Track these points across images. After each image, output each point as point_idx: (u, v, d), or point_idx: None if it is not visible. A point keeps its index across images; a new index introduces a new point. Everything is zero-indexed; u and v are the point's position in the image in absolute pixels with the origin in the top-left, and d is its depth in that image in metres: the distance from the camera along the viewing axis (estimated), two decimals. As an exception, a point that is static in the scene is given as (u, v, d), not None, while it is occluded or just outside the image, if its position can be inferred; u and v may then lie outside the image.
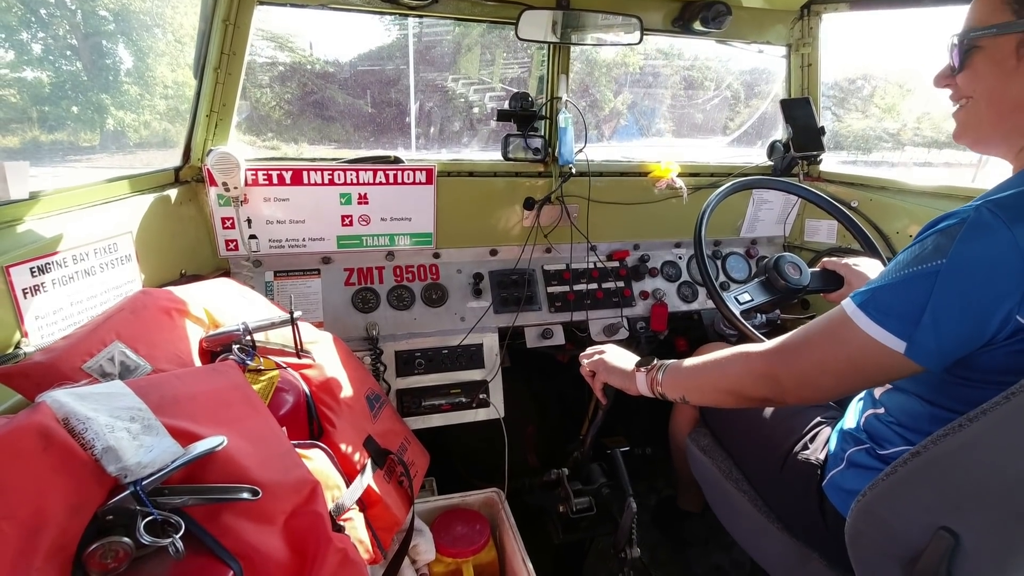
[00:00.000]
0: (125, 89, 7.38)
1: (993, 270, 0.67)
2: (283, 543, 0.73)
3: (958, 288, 0.68)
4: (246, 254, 1.44)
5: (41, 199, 0.95)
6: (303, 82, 5.48)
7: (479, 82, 5.02)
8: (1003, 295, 0.67)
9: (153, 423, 0.68)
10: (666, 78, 5.35)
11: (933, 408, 0.84)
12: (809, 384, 0.82)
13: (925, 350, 0.71)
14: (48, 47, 7.35)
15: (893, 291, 0.73)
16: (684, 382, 0.99)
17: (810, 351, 0.81)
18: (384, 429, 1.23)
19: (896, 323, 0.72)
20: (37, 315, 0.89)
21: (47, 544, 0.55)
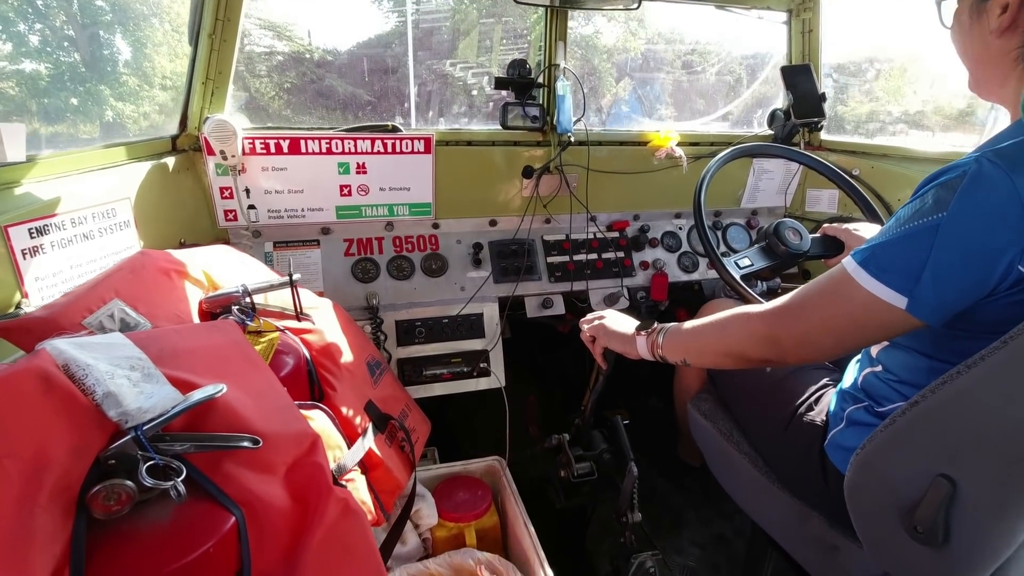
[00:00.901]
0: (124, 80, 7.35)
1: (995, 221, 0.66)
2: (285, 492, 0.73)
3: (959, 241, 0.68)
4: (245, 224, 1.44)
5: (39, 162, 0.95)
6: (302, 71, 5.45)
7: (477, 66, 5.00)
8: (1005, 246, 0.67)
9: (153, 372, 0.68)
10: (668, 63, 5.31)
11: (932, 362, 0.84)
12: (810, 344, 0.82)
13: (927, 305, 0.71)
14: (45, 38, 7.31)
15: (894, 247, 0.73)
16: (685, 344, 0.99)
17: (811, 311, 0.81)
18: (385, 395, 1.23)
19: (897, 279, 0.72)
20: (37, 276, 0.90)
21: (50, 484, 0.56)
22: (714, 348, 0.95)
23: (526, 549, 1.19)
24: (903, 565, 0.83)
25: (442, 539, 1.29)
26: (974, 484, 0.70)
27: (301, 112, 4.78)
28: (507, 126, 1.57)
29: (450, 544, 1.28)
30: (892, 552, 0.83)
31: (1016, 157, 0.67)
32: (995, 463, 0.69)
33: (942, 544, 0.74)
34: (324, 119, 4.97)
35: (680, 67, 5.31)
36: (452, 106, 4.90)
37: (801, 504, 1.04)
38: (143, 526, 0.62)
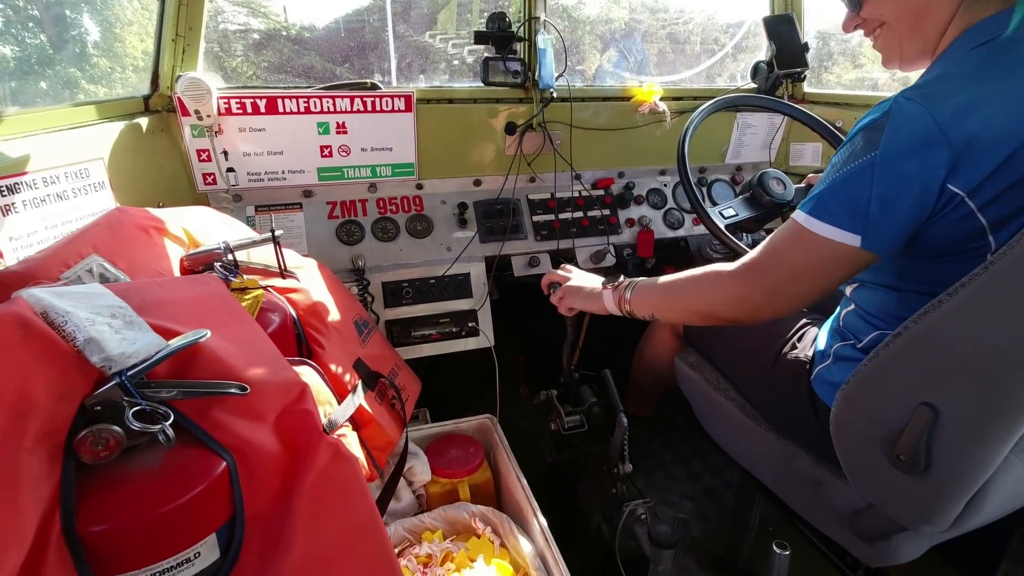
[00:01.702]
0: (95, 62, 7.12)
1: (921, 147, 0.71)
2: (275, 438, 0.73)
3: (895, 173, 0.73)
4: (225, 188, 1.41)
5: (4, 119, 0.92)
6: (279, 48, 5.30)
7: (457, 36, 4.90)
8: (933, 168, 0.71)
9: (135, 319, 0.67)
10: (651, 33, 5.24)
11: (900, 294, 0.87)
12: (781, 296, 0.85)
13: (879, 238, 0.76)
14: (8, 19, 7.04)
15: (836, 191, 0.77)
16: (654, 300, 1.02)
17: (779, 265, 0.84)
18: (374, 354, 1.23)
19: (847, 220, 0.76)
20: (11, 236, 0.88)
21: (34, 428, 0.55)
22: (685, 306, 0.97)
23: (519, 501, 1.21)
24: (886, 494, 0.85)
25: (436, 495, 1.30)
26: (955, 410, 0.72)
27: (268, 79, 4.67)
28: (488, 82, 1.55)
29: (444, 499, 1.29)
30: (875, 483, 0.86)
31: (927, 90, 0.73)
32: (976, 387, 0.70)
33: (924, 471, 0.76)
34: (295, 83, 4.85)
35: (664, 37, 5.25)
36: (433, 77, 4.82)
37: (788, 443, 1.06)
38: (134, 471, 0.62)
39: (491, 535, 1.15)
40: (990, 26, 0.76)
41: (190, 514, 0.62)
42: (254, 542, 0.67)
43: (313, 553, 0.68)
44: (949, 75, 0.76)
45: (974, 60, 0.76)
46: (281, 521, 0.69)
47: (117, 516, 0.58)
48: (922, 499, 0.80)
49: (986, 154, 0.71)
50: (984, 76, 0.73)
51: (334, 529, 0.71)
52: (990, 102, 0.71)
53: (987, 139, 0.70)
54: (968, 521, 0.85)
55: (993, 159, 0.71)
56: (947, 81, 0.75)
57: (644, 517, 1.20)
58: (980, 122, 0.70)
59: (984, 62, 0.75)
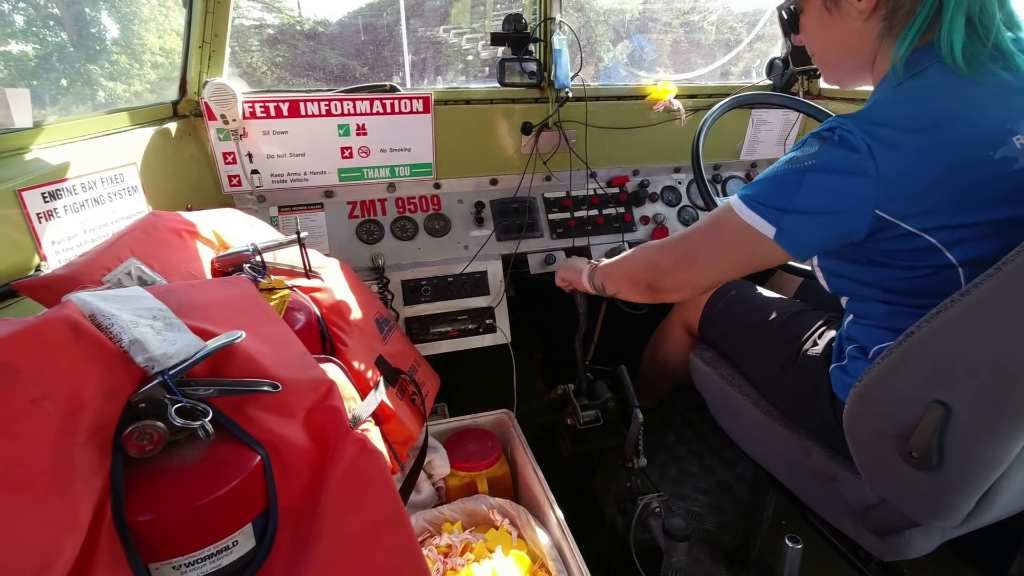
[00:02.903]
0: (114, 59, 7.20)
1: (851, 173, 0.76)
2: (304, 434, 0.77)
3: (821, 187, 0.78)
4: (249, 189, 1.45)
5: (45, 128, 0.97)
6: (293, 44, 5.35)
7: (471, 31, 4.91)
8: (861, 194, 0.76)
9: (174, 321, 0.71)
10: (666, 24, 5.19)
11: (890, 306, 0.90)
12: (685, 266, 0.94)
13: (790, 237, 0.81)
14: (30, 18, 7.14)
15: (770, 184, 0.83)
16: (603, 272, 1.14)
17: (692, 239, 0.93)
18: (394, 351, 1.27)
19: (768, 211, 0.81)
20: (53, 240, 0.92)
21: (87, 424, 0.59)
22: (618, 270, 1.09)
23: (536, 494, 1.24)
24: (899, 490, 0.87)
25: (455, 487, 1.34)
26: (967, 407, 0.73)
27: (290, 81, 4.71)
28: (504, 83, 1.57)
29: (463, 492, 1.33)
30: (888, 478, 0.87)
31: (869, 118, 0.77)
32: (987, 385, 0.71)
33: (936, 468, 0.77)
34: (316, 87, 4.90)
35: (679, 26, 5.20)
36: (447, 73, 4.84)
37: (802, 439, 1.08)
38: (176, 464, 0.66)
39: (509, 527, 1.19)
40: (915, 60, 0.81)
41: (228, 505, 0.65)
42: (287, 532, 0.71)
43: (342, 542, 0.71)
44: (883, 106, 0.80)
45: (899, 97, 0.80)
46: (312, 512, 0.72)
47: (162, 506, 0.62)
48: (934, 495, 0.81)
49: (918, 187, 0.74)
50: (917, 110, 0.77)
51: (361, 519, 0.75)
52: (920, 135, 0.74)
53: (917, 173, 0.74)
54: (980, 517, 0.86)
55: (925, 192, 0.74)
56: (882, 111, 0.78)
57: (658, 510, 1.22)
58: (910, 156, 0.73)
59: (905, 100, 0.79)
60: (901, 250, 0.80)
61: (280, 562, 0.69)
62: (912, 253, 0.79)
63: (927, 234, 0.76)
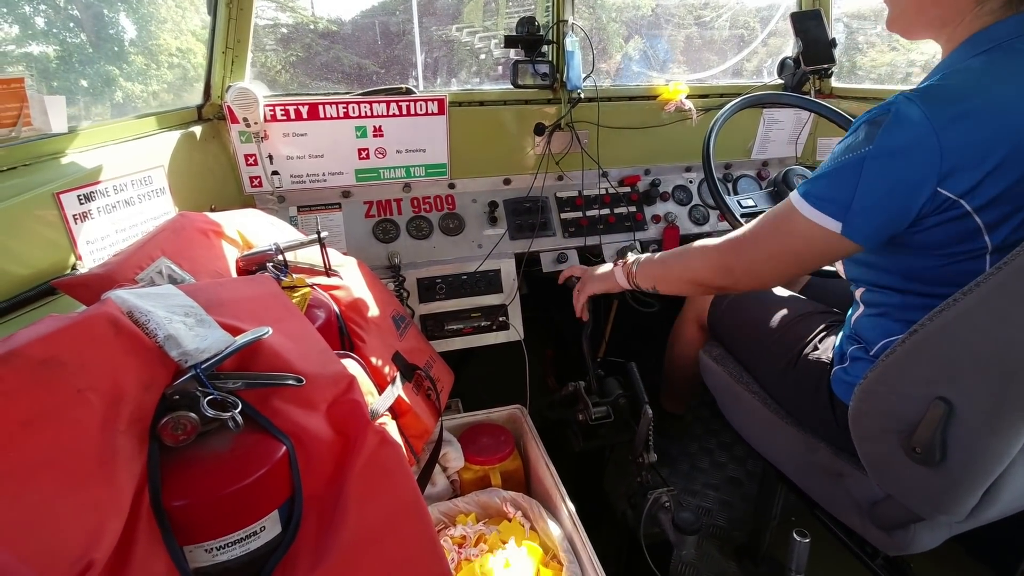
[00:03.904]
0: (132, 60, 7.31)
1: (913, 150, 0.74)
2: (327, 426, 0.80)
3: (882, 170, 0.77)
4: (270, 190, 1.50)
5: (80, 133, 1.01)
6: (307, 43, 5.40)
7: (484, 30, 4.92)
8: (923, 177, 0.75)
9: (205, 318, 0.75)
10: (679, 19, 5.17)
11: (904, 296, 0.91)
12: (757, 271, 0.93)
13: (858, 228, 0.80)
14: (50, 20, 7.26)
15: (829, 178, 0.82)
16: (654, 273, 1.12)
17: (760, 241, 0.92)
18: (410, 347, 1.30)
19: (832, 206, 0.81)
20: (88, 240, 0.96)
21: (127, 414, 0.63)
22: (678, 276, 1.07)
23: (548, 488, 1.27)
24: (903, 485, 0.88)
25: (469, 480, 1.37)
26: (969, 403, 0.74)
27: (309, 84, 4.76)
28: (518, 85, 1.60)
29: (476, 485, 1.36)
30: (893, 474, 0.88)
31: (929, 93, 0.75)
32: (989, 381, 0.73)
33: (939, 463, 0.79)
34: (334, 89, 4.96)
35: (692, 22, 5.18)
36: (460, 72, 4.86)
37: (808, 436, 1.10)
38: (207, 453, 0.69)
39: (521, 519, 1.22)
40: (997, 31, 0.78)
41: (256, 492, 0.69)
42: (311, 519, 0.75)
43: (363, 530, 0.75)
44: (951, 79, 0.78)
45: (977, 65, 0.78)
46: (334, 501, 0.76)
47: (195, 492, 0.66)
48: (938, 490, 0.83)
49: (979, 161, 0.73)
50: (983, 83, 0.75)
51: (381, 509, 0.78)
52: (985, 109, 0.73)
53: (980, 146, 0.73)
54: (985, 512, 0.87)
55: (986, 166, 0.73)
56: (948, 86, 0.77)
57: (668, 504, 1.25)
58: (974, 129, 0.73)
59: (986, 69, 0.77)
60: (946, 232, 0.79)
61: (305, 548, 0.73)
62: (955, 234, 0.79)
63: (976, 214, 0.76)
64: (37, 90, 0.93)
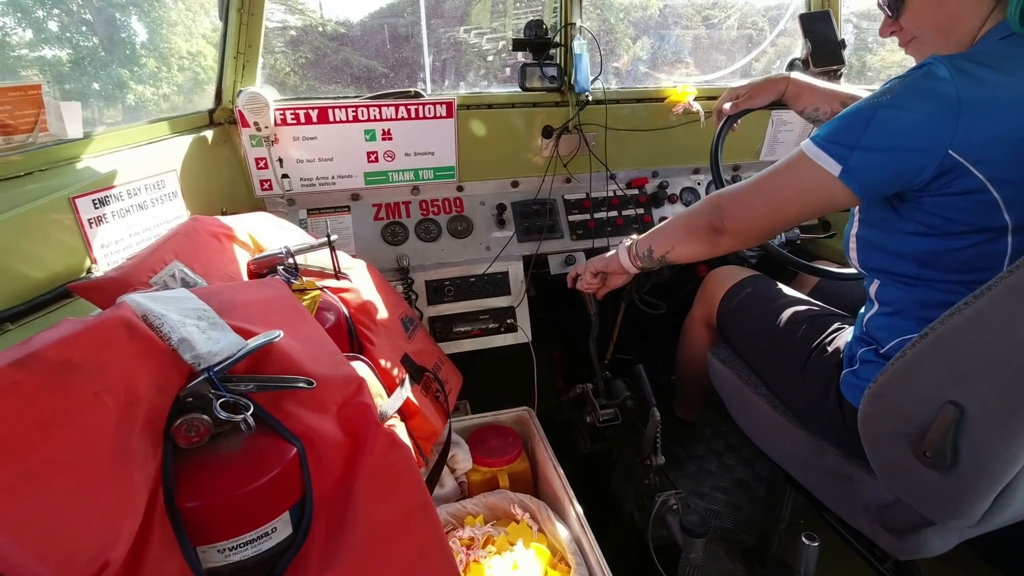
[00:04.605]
0: (143, 63, 7.39)
1: (932, 103, 0.75)
2: (337, 428, 0.81)
3: (894, 118, 0.78)
4: (280, 193, 1.51)
5: (94, 139, 1.03)
6: (315, 45, 5.42)
7: (492, 31, 4.92)
8: (939, 126, 0.75)
9: (218, 321, 0.76)
10: (688, 18, 5.14)
11: (920, 289, 0.90)
12: (744, 206, 0.94)
13: (855, 173, 0.81)
14: (63, 23, 7.35)
15: (841, 121, 0.83)
16: (652, 234, 1.14)
17: (755, 179, 0.94)
18: (419, 349, 1.31)
19: (835, 148, 0.82)
20: (102, 244, 0.98)
21: (141, 416, 0.64)
22: (672, 224, 1.09)
23: (556, 489, 1.27)
24: (914, 489, 0.88)
25: (477, 482, 1.38)
26: (980, 407, 0.74)
27: (318, 88, 4.78)
28: (526, 88, 1.60)
29: (485, 487, 1.37)
30: (903, 478, 0.88)
31: (959, 62, 0.76)
32: (1000, 386, 0.72)
33: (950, 467, 0.78)
34: (343, 92, 4.98)
35: (700, 22, 5.15)
36: (468, 74, 4.86)
37: (817, 439, 1.09)
38: (220, 455, 0.70)
39: (529, 521, 1.22)
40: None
41: (267, 494, 0.70)
42: (322, 520, 0.76)
43: (373, 530, 0.76)
44: (979, 54, 0.80)
45: (1002, 48, 0.79)
46: (344, 502, 0.77)
47: (208, 494, 0.67)
48: (949, 494, 0.83)
49: (991, 128, 0.74)
50: (1005, 65, 0.76)
51: (391, 509, 0.79)
52: (1004, 90, 0.74)
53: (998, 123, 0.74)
54: (997, 517, 0.87)
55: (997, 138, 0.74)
56: (976, 59, 0.77)
57: (676, 507, 1.25)
58: (993, 105, 0.74)
59: (1009, 52, 0.78)
60: (959, 207, 0.80)
61: (316, 548, 0.74)
62: (970, 207, 0.79)
63: (993, 187, 0.76)
64: (53, 96, 0.95)
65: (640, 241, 1.17)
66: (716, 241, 1.00)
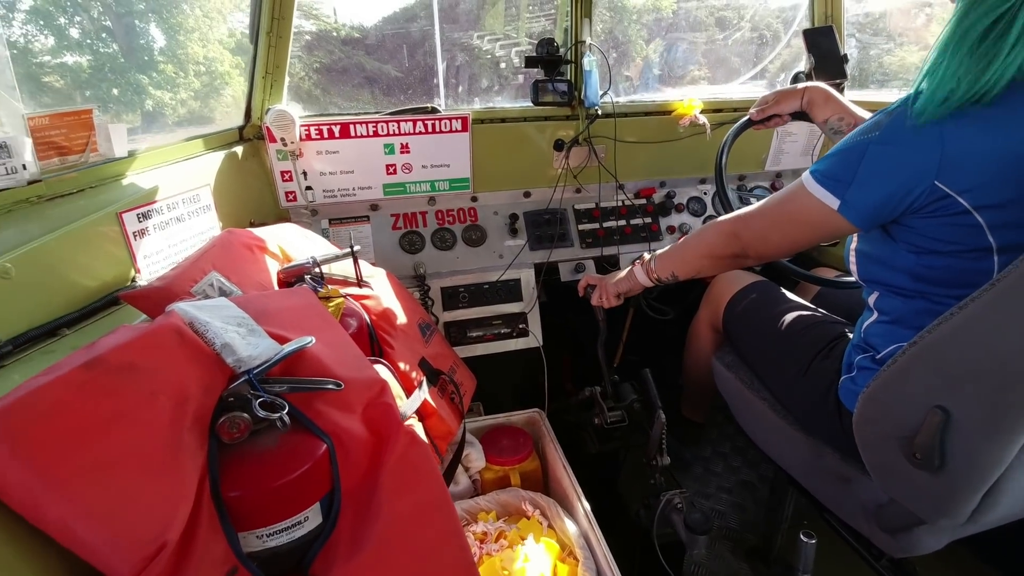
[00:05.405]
0: (161, 68, 7.53)
1: (915, 143, 0.81)
2: (363, 426, 0.87)
3: (884, 155, 0.83)
4: (304, 204, 1.59)
5: (138, 156, 1.11)
6: (330, 49, 5.52)
7: (504, 37, 4.99)
8: (923, 162, 0.80)
9: (255, 328, 0.83)
10: (699, 21, 5.17)
11: (915, 301, 0.95)
12: (762, 239, 1.02)
13: (853, 206, 0.87)
14: (85, 30, 7.52)
15: (835, 158, 0.89)
16: (671, 259, 1.22)
17: (767, 212, 1.01)
18: (435, 353, 1.37)
19: (833, 184, 0.89)
20: (145, 254, 1.06)
21: (191, 413, 0.71)
22: (694, 251, 1.16)
23: (565, 488, 1.33)
24: (906, 490, 0.92)
25: (490, 480, 1.43)
26: (965, 412, 0.78)
27: (334, 92, 4.87)
28: (538, 102, 1.67)
29: (497, 484, 1.42)
30: (896, 479, 0.92)
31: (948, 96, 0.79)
32: (984, 392, 0.77)
33: (938, 469, 0.83)
34: (358, 99, 5.06)
35: (714, 24, 5.18)
36: (481, 79, 4.93)
37: (816, 442, 1.14)
38: (258, 450, 0.77)
39: (540, 517, 1.28)
40: None
41: (300, 486, 0.76)
42: (349, 510, 0.82)
43: (396, 521, 0.82)
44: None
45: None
46: (369, 494, 0.83)
47: (248, 485, 0.73)
48: (938, 494, 0.87)
49: (974, 159, 0.79)
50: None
51: (412, 502, 0.85)
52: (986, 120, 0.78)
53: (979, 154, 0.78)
54: (986, 517, 0.91)
55: (984, 174, 0.79)
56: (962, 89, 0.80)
57: (680, 506, 1.29)
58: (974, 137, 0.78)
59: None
60: (947, 227, 0.84)
61: (343, 536, 0.80)
62: (956, 230, 0.83)
63: (976, 212, 0.81)
64: (101, 118, 1.03)
65: (660, 267, 1.24)
66: (742, 263, 1.11)
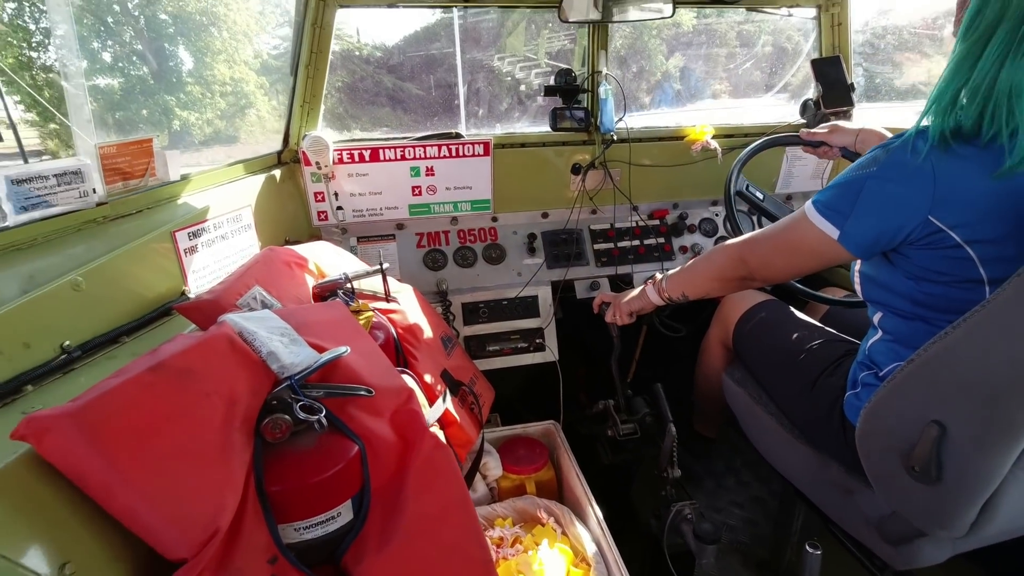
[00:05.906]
0: (189, 90, 7.71)
1: (911, 178, 0.85)
2: (391, 431, 0.94)
3: (880, 189, 0.88)
4: (335, 223, 1.69)
5: (190, 180, 1.21)
6: (352, 69, 5.68)
7: (524, 59, 5.10)
8: (916, 197, 0.85)
9: (296, 338, 0.91)
10: (721, 35, 5.22)
11: (915, 323, 1.00)
12: (768, 264, 1.08)
13: (852, 237, 0.92)
14: (117, 54, 7.77)
15: (836, 190, 0.95)
16: (682, 280, 1.27)
17: (771, 238, 1.07)
18: (457, 365, 1.44)
19: (834, 215, 0.94)
20: (194, 270, 1.15)
21: (240, 414, 0.79)
22: (703, 274, 1.22)
23: (579, 496, 1.38)
24: (906, 502, 0.96)
25: (506, 488, 1.49)
26: (960, 426, 0.82)
27: (357, 111, 5.00)
28: (556, 128, 1.76)
29: (513, 493, 1.48)
30: (897, 491, 0.96)
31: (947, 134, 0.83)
32: (976, 406, 0.81)
33: (936, 481, 0.86)
34: (378, 117, 5.18)
35: (734, 39, 5.22)
36: (503, 101, 5.05)
37: (822, 455, 1.17)
38: (297, 450, 0.84)
39: (554, 524, 1.33)
40: None
41: (334, 483, 0.82)
42: (378, 508, 0.88)
43: (421, 518, 0.88)
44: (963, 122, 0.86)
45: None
46: (396, 493, 0.90)
47: (288, 481, 0.80)
48: (937, 506, 0.90)
49: (966, 196, 0.83)
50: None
51: (435, 502, 0.91)
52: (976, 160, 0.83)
53: (970, 191, 0.83)
54: (985, 530, 0.93)
55: (975, 211, 0.83)
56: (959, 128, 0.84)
57: (690, 517, 1.33)
58: (965, 176, 0.83)
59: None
60: (941, 259, 0.89)
61: (372, 532, 0.87)
62: (950, 262, 0.88)
63: (968, 246, 0.86)
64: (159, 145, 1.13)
65: (671, 287, 1.29)
66: (748, 286, 1.18)
